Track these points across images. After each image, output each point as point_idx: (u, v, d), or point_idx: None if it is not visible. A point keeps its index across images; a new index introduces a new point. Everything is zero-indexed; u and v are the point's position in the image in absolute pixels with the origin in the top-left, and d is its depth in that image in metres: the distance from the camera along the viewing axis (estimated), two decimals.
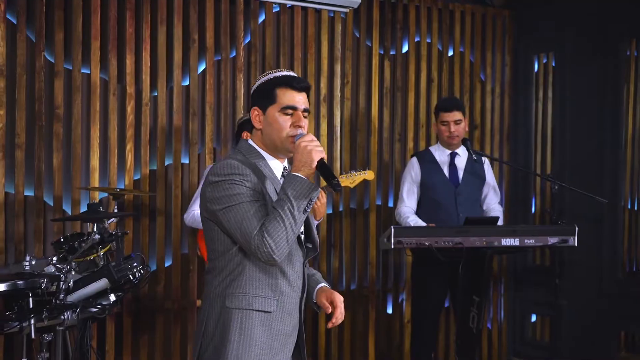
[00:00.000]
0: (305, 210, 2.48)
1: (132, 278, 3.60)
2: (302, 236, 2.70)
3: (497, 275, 6.12)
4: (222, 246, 2.60)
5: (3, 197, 4.57)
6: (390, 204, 5.77)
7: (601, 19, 5.47)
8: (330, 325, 2.75)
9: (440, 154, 4.91)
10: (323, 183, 5.40)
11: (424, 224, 4.73)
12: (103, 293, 3.64)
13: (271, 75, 2.69)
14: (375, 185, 5.71)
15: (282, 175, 2.70)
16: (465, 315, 4.59)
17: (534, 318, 6.06)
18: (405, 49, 5.83)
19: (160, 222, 4.98)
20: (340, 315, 2.73)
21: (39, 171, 4.65)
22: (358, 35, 5.66)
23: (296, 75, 2.71)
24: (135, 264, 3.73)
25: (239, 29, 5.21)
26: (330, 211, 5.58)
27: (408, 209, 4.88)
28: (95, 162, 4.79)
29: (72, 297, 3.52)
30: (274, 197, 2.57)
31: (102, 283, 3.55)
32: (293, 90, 2.64)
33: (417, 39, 5.85)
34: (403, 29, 5.81)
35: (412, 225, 4.72)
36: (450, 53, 5.98)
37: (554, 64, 5.91)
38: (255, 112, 2.69)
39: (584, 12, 5.59)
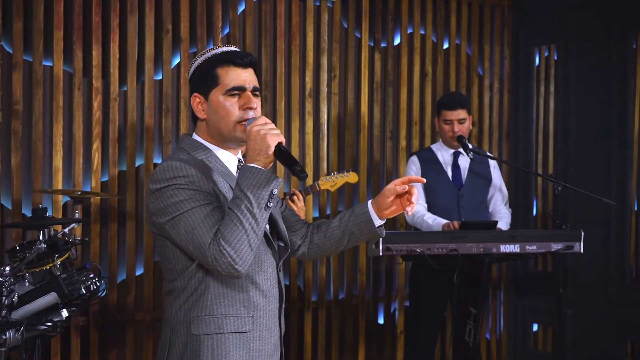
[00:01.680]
0: (267, 207, 2.12)
1: (84, 292, 3.22)
2: (270, 235, 2.33)
3: (497, 282, 5.84)
4: (180, 264, 2.23)
5: None
6: None
7: (606, 9, 5.26)
8: (415, 200, 2.30)
9: (443, 154, 4.62)
10: (310, 181, 5.09)
11: (444, 221, 4.37)
12: (54, 308, 3.26)
13: (209, 54, 2.33)
14: (365, 186, 5.37)
15: (238, 170, 2.34)
16: (461, 328, 4.27)
17: (535, 327, 5.84)
18: (397, 41, 5.54)
19: (131, 227, 4.62)
20: (415, 190, 2.30)
21: None
22: (346, 26, 5.35)
23: (238, 49, 2.35)
24: (91, 276, 3.35)
25: (216, 18, 4.87)
26: (317, 214, 5.23)
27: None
28: (58, 162, 4.45)
29: (17, 314, 3.14)
30: (230, 196, 2.20)
31: (51, 297, 3.19)
32: (237, 67, 2.29)
33: (409, 30, 5.56)
34: (395, 20, 5.51)
35: (431, 223, 4.41)
36: (446, 45, 5.71)
37: (556, 57, 5.69)
38: (197, 100, 2.33)
39: (588, 1, 5.38)
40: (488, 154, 4.72)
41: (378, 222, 2.39)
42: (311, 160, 5.17)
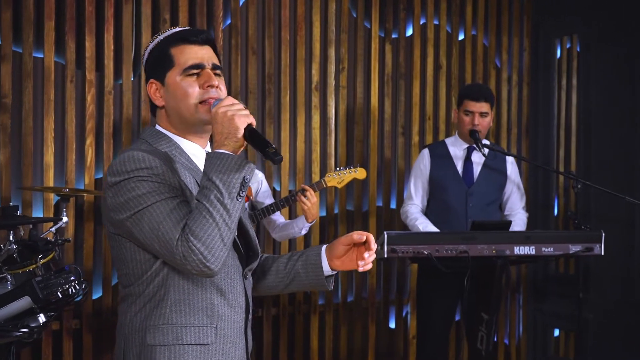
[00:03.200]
0: (239, 195, 1.89)
1: (61, 296, 3.01)
2: (238, 240, 2.10)
3: (515, 285, 5.60)
4: (138, 268, 2.01)
5: None
6: (393, 206, 5.20)
7: None
8: (368, 256, 2.07)
9: (456, 148, 4.38)
10: (316, 178, 4.89)
11: (435, 229, 4.15)
12: (30, 313, 3.06)
13: (161, 36, 2.12)
14: (375, 184, 5.13)
15: None
16: (473, 335, 4.02)
17: (556, 333, 5.66)
18: (409, 31, 5.31)
19: None
20: (374, 244, 2.07)
21: None
22: (355, 16, 5.12)
23: (192, 28, 2.15)
24: (72, 278, 3.14)
25: (217, 7, 4.66)
26: (324, 213, 5.01)
27: (416, 209, 4.34)
28: (49, 158, 4.25)
29: None
30: (196, 192, 1.98)
31: (24, 302, 2.97)
32: (192, 44, 2.08)
33: (422, 21, 5.33)
34: (407, 9, 5.28)
35: (422, 230, 4.18)
36: (461, 36, 5.47)
37: (578, 49, 5.50)
38: (153, 87, 2.11)
39: None
40: (503, 149, 4.47)
41: (328, 270, 2.17)
42: (318, 157, 4.94)
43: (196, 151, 2.09)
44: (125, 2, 4.42)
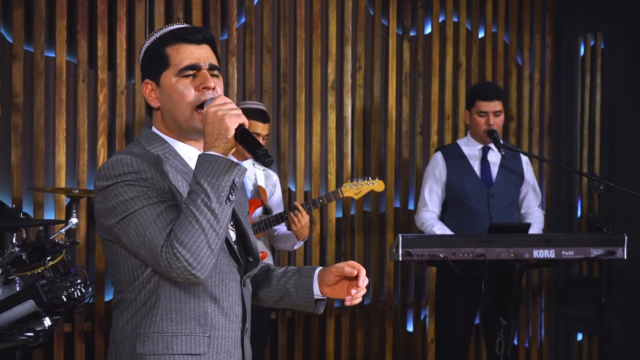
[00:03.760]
0: (228, 200, 1.81)
1: (66, 299, 2.95)
2: (236, 246, 2.02)
3: (537, 288, 5.48)
4: (130, 274, 1.94)
5: None
6: (411, 207, 5.11)
7: None
8: (357, 292, 2.00)
9: (471, 149, 4.27)
10: (332, 179, 4.80)
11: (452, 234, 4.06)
12: (36, 316, 3.01)
13: (157, 35, 2.04)
14: (393, 185, 5.04)
15: None
16: (491, 340, 3.93)
17: (580, 337, 5.54)
18: (428, 29, 5.22)
19: None
20: (365, 278, 2.00)
21: None
22: (372, 13, 5.03)
23: (190, 25, 2.06)
24: (78, 281, 3.09)
25: (231, 5, 4.60)
26: (340, 215, 4.93)
27: (431, 215, 4.23)
28: (61, 158, 4.22)
29: None
30: None
31: (28, 306, 2.92)
32: (189, 44, 1.99)
33: (442, 18, 5.23)
34: (425, 7, 5.18)
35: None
36: (481, 34, 5.37)
37: (602, 46, 5.38)
38: (148, 87, 2.03)
39: None
40: (519, 149, 4.36)
41: (317, 294, 2.09)
42: (334, 157, 4.86)
43: (191, 154, 2.01)
44: (138, 0, 4.38)
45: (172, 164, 1.96)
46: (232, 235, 2.04)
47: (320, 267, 2.12)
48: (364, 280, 2.01)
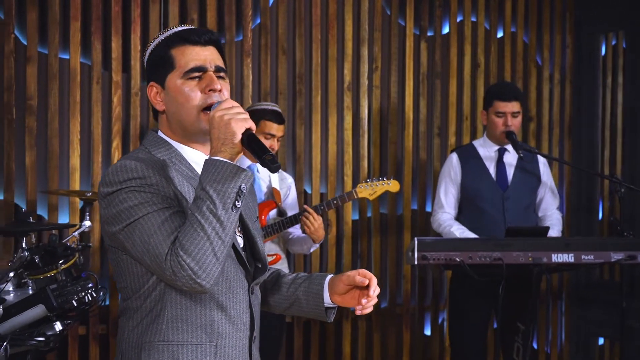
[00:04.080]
0: (234, 206, 1.77)
1: (76, 304, 2.93)
2: (243, 253, 1.98)
3: (557, 292, 5.41)
4: (135, 281, 1.90)
5: None
6: (428, 209, 5.05)
7: None
8: (367, 302, 1.96)
9: (487, 150, 4.20)
10: (348, 181, 4.76)
11: (472, 235, 4.01)
12: (46, 320, 2.98)
13: (162, 36, 2.00)
14: (410, 187, 4.98)
15: None
16: (508, 346, 3.86)
17: (601, 341, 5.44)
18: (445, 29, 5.15)
19: None
20: (376, 287, 1.96)
21: (9, 171, 4.14)
22: (389, 13, 4.98)
23: (195, 27, 2.02)
24: (89, 285, 3.07)
25: (246, 6, 4.58)
26: (357, 217, 4.88)
27: (448, 216, 4.16)
28: (75, 161, 4.23)
29: (3, 327, 2.87)
30: None
31: (39, 310, 2.90)
32: (194, 45, 1.95)
33: (459, 18, 5.16)
34: (443, 6, 5.12)
35: (458, 237, 4.04)
36: (500, 34, 5.29)
37: (624, 45, 5.28)
38: (154, 90, 1.99)
39: None
40: (537, 150, 4.29)
41: (328, 302, 2.05)
42: (350, 159, 4.81)
43: (198, 158, 1.98)
44: (152, 1, 4.38)
45: (177, 168, 1.92)
46: (240, 241, 2.00)
47: (331, 275, 2.07)
48: (375, 290, 1.96)
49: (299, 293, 2.10)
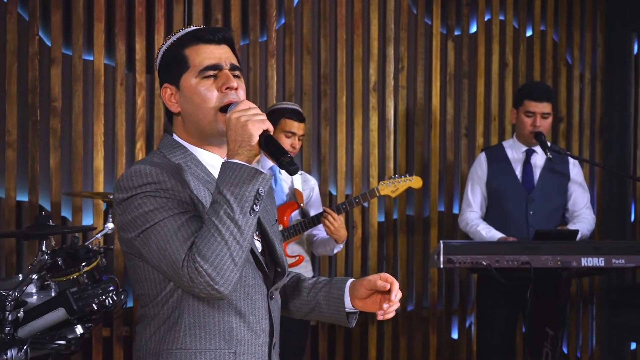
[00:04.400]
0: (252, 210, 1.73)
1: (96, 307, 2.91)
2: (262, 257, 1.93)
3: (588, 295, 5.30)
4: (152, 288, 1.87)
5: None
6: (455, 211, 4.97)
7: None
8: (390, 306, 1.90)
9: (514, 151, 4.13)
10: (374, 182, 4.70)
11: (499, 234, 3.93)
12: (67, 324, 2.97)
13: (175, 37, 1.96)
14: (437, 188, 4.91)
15: None
16: (537, 351, 3.77)
17: (633, 346, 5.34)
18: (473, 28, 5.08)
19: None
20: (398, 292, 1.91)
21: (34, 173, 4.14)
22: (415, 12, 4.91)
23: (207, 26, 2.00)
24: (111, 289, 3.05)
25: (270, 6, 4.53)
26: (383, 219, 4.82)
27: (475, 215, 4.11)
28: (99, 162, 4.21)
29: (24, 331, 2.86)
30: None
31: (59, 313, 2.89)
32: (208, 44, 1.91)
33: (487, 17, 5.08)
34: (470, 5, 5.04)
35: (485, 235, 3.97)
36: (529, 32, 5.20)
37: None
38: (168, 91, 1.95)
39: None
40: (566, 151, 4.20)
41: (349, 307, 2.00)
42: (376, 160, 4.75)
43: (214, 162, 1.93)
44: (176, 2, 4.35)
45: (193, 172, 1.88)
46: (258, 245, 1.95)
47: (352, 279, 2.02)
48: (396, 295, 1.91)
49: (319, 298, 2.05)
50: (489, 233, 3.99)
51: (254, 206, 1.73)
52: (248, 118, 1.75)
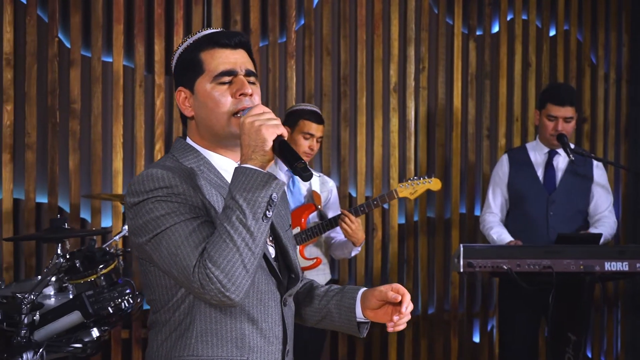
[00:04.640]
0: (265, 216, 1.70)
1: (112, 311, 2.90)
2: (275, 263, 1.90)
3: (613, 299, 5.20)
4: (164, 294, 1.84)
5: (11, 204, 4.07)
6: (477, 213, 4.91)
7: None
8: (400, 319, 1.87)
9: (537, 153, 4.08)
10: (395, 184, 4.67)
11: (509, 238, 3.87)
12: (84, 327, 2.97)
13: (191, 40, 1.93)
14: (459, 190, 4.86)
15: None
16: (559, 357, 3.71)
17: None
18: (495, 28, 5.01)
19: None
20: (410, 304, 1.87)
21: (53, 175, 4.13)
22: (437, 12, 4.85)
23: (225, 30, 1.95)
24: (127, 291, 3.04)
25: (290, 7, 4.51)
26: (403, 221, 4.77)
27: (494, 217, 4.08)
28: (118, 164, 4.20)
29: (40, 333, 2.86)
30: None
31: (75, 317, 2.88)
32: (224, 48, 1.88)
33: (510, 16, 5.01)
34: (493, 4, 4.97)
35: (495, 239, 3.96)
36: (552, 32, 5.12)
37: None
38: (182, 95, 1.93)
39: None
40: (589, 153, 4.13)
41: (360, 317, 1.96)
42: (396, 162, 4.70)
43: (227, 166, 1.90)
44: (195, 3, 4.32)
45: (206, 177, 1.86)
46: (271, 251, 1.92)
47: (365, 289, 1.98)
48: (407, 307, 1.86)
49: (330, 306, 2.02)
50: (500, 237, 3.95)
51: (267, 212, 1.71)
52: (262, 123, 1.72)
